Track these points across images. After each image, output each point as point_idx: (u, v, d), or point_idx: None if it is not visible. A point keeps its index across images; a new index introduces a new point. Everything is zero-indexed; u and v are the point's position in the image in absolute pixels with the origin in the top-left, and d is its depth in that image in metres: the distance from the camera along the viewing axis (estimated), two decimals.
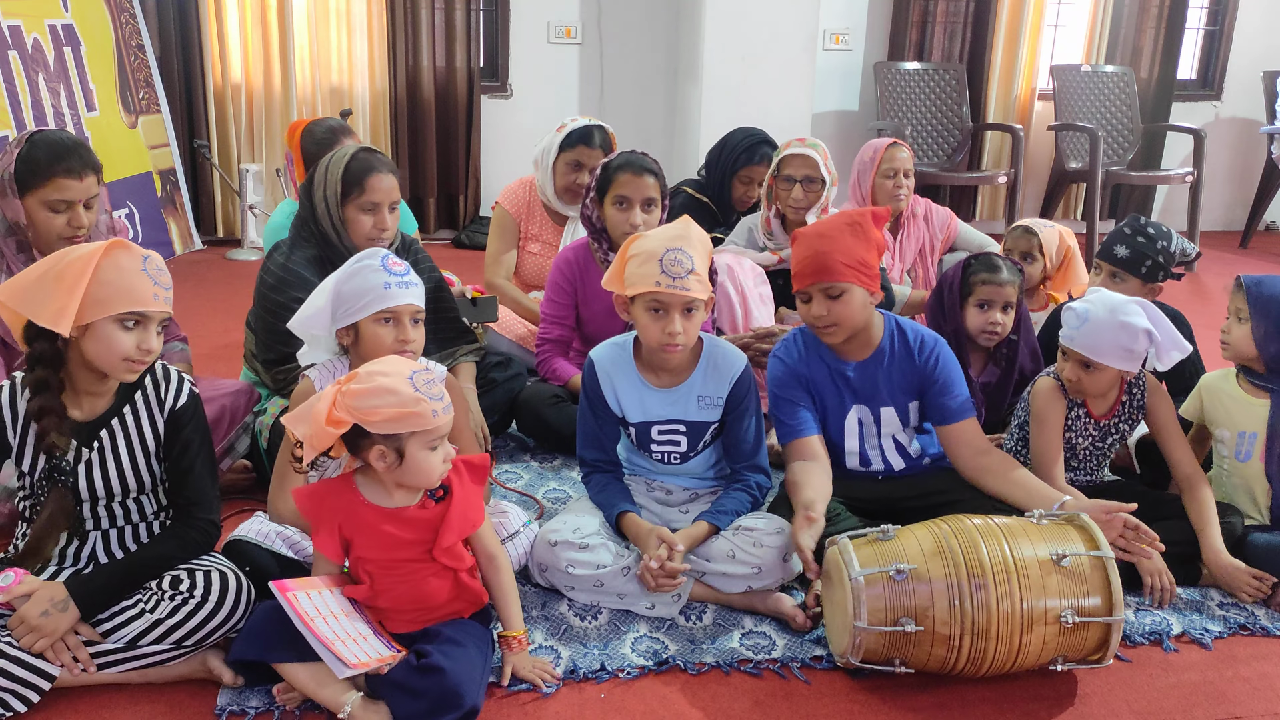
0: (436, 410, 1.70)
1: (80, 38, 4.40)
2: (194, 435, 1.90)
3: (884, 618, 1.81)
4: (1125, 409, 2.37)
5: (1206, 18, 6.56)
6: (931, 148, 5.99)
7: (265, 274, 2.52)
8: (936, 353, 2.28)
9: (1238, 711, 1.89)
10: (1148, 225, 2.76)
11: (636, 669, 1.93)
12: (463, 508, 1.81)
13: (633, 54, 5.81)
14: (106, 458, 1.83)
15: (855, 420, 2.32)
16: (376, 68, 5.48)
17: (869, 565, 1.83)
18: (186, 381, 1.91)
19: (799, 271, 2.21)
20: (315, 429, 1.67)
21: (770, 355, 2.36)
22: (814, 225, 2.26)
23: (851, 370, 2.29)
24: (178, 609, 1.77)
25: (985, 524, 1.88)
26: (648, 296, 2.10)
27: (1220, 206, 6.71)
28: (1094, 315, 2.21)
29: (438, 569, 1.81)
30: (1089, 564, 1.83)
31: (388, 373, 1.70)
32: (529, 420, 2.89)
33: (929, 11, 5.99)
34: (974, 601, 1.78)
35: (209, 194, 5.43)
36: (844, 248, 2.17)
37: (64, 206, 2.25)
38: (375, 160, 2.49)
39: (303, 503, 1.78)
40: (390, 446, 1.71)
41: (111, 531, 1.89)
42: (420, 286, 2.07)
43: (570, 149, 3.35)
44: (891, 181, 3.61)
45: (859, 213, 2.23)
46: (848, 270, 2.16)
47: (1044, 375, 2.38)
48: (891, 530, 1.90)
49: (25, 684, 1.71)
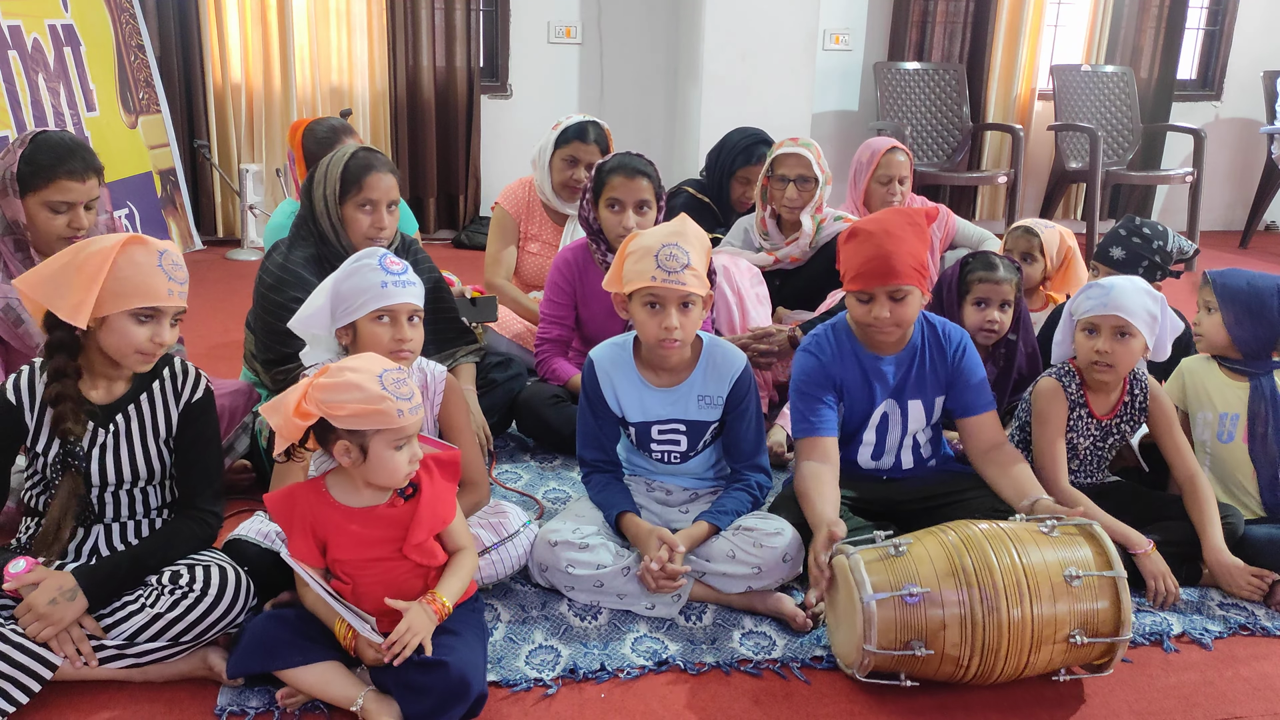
0: (402, 410, 1.69)
1: (80, 38, 4.40)
2: (204, 429, 1.94)
3: (894, 640, 1.80)
4: (1127, 409, 2.37)
5: (1206, 18, 6.56)
6: (931, 148, 5.99)
7: (264, 274, 2.52)
8: (964, 346, 2.28)
9: (1238, 711, 1.89)
10: (1143, 225, 2.76)
11: (636, 669, 1.93)
12: (432, 505, 1.80)
13: (633, 54, 5.81)
14: (121, 441, 1.87)
15: (881, 414, 2.29)
16: (376, 68, 5.47)
17: (882, 588, 1.79)
18: (204, 379, 1.96)
19: (863, 272, 2.13)
20: (285, 419, 1.68)
21: (799, 349, 2.31)
22: (877, 222, 2.17)
23: (886, 365, 2.27)
24: (178, 603, 1.78)
25: (997, 536, 1.84)
26: (644, 292, 2.10)
27: (1220, 206, 6.71)
28: (1118, 283, 2.28)
29: (411, 566, 1.80)
30: (1100, 583, 1.82)
31: (357, 369, 1.70)
32: (529, 420, 2.88)
33: (929, 11, 5.99)
34: (985, 625, 1.77)
35: (209, 194, 5.43)
36: (910, 249, 2.13)
37: (65, 208, 2.27)
38: (374, 159, 2.49)
39: (273, 508, 1.78)
40: (354, 442, 1.70)
41: (114, 525, 1.91)
42: (419, 286, 2.07)
43: (565, 145, 3.36)
44: (885, 188, 3.60)
45: (918, 212, 2.20)
46: (913, 273, 2.13)
47: (1046, 375, 2.38)
48: (904, 545, 1.84)
49: (27, 671, 1.71)
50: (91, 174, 2.29)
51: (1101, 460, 2.43)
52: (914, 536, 1.90)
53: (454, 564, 1.85)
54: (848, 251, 2.19)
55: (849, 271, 2.18)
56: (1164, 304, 2.29)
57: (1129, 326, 2.24)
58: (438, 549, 1.84)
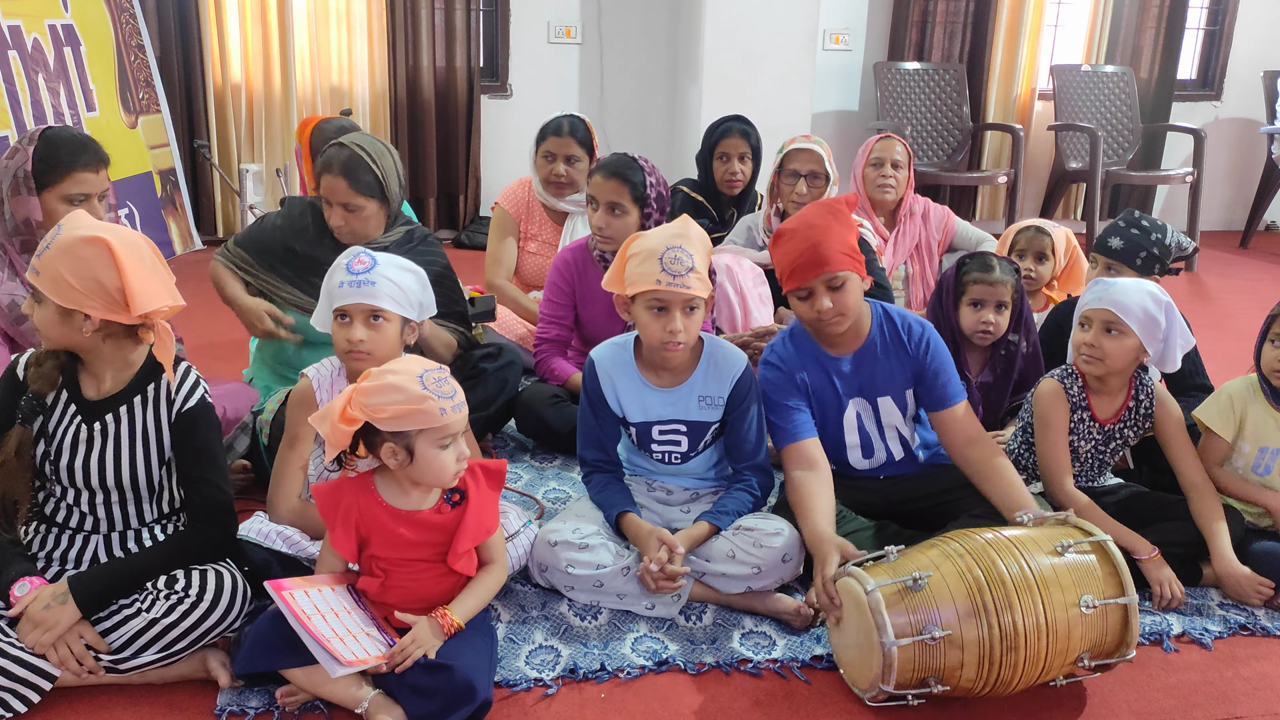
0: (445, 408, 1.70)
1: (80, 38, 4.40)
2: (204, 442, 1.88)
3: (911, 680, 1.77)
4: (1131, 415, 2.35)
5: (1206, 18, 6.56)
6: (931, 148, 5.99)
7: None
8: (927, 338, 2.25)
9: (1238, 711, 1.89)
10: (1142, 218, 2.76)
11: (636, 669, 1.93)
12: (478, 514, 1.81)
13: (633, 54, 5.81)
14: (108, 441, 1.83)
15: (854, 414, 2.30)
16: (376, 68, 5.47)
17: (904, 631, 1.73)
18: (201, 387, 1.90)
19: (796, 268, 2.14)
20: (331, 426, 1.70)
21: (760, 362, 2.32)
22: (797, 219, 2.19)
23: (846, 364, 2.27)
24: (173, 608, 1.77)
25: (1021, 574, 1.76)
26: (649, 295, 2.10)
27: (1220, 206, 6.71)
28: (1122, 281, 2.26)
29: (444, 570, 1.81)
30: (1113, 610, 1.80)
31: (398, 371, 1.72)
32: (528, 420, 2.88)
33: (929, 11, 5.99)
34: (1003, 664, 1.74)
35: (209, 194, 5.43)
36: (837, 235, 2.13)
37: (81, 199, 2.30)
38: (332, 156, 2.54)
39: (321, 500, 1.80)
40: (400, 444, 1.72)
41: (114, 535, 1.89)
42: (377, 285, 2.05)
43: (543, 141, 3.42)
44: (877, 171, 3.61)
45: (834, 200, 2.21)
46: (844, 258, 2.13)
47: (1048, 377, 2.37)
48: (923, 579, 1.77)
49: (26, 684, 1.71)
50: (102, 166, 2.33)
51: (1103, 465, 2.42)
52: (930, 562, 1.81)
53: (477, 581, 1.85)
54: (778, 254, 2.19)
55: (783, 272, 2.18)
56: (1171, 311, 2.24)
57: (1119, 323, 2.22)
58: (474, 559, 1.85)
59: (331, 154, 2.54)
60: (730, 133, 3.58)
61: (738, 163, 3.59)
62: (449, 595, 1.83)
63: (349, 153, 2.53)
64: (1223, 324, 4.60)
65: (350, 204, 2.54)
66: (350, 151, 2.53)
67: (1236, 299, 5.11)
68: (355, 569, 1.85)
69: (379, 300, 2.05)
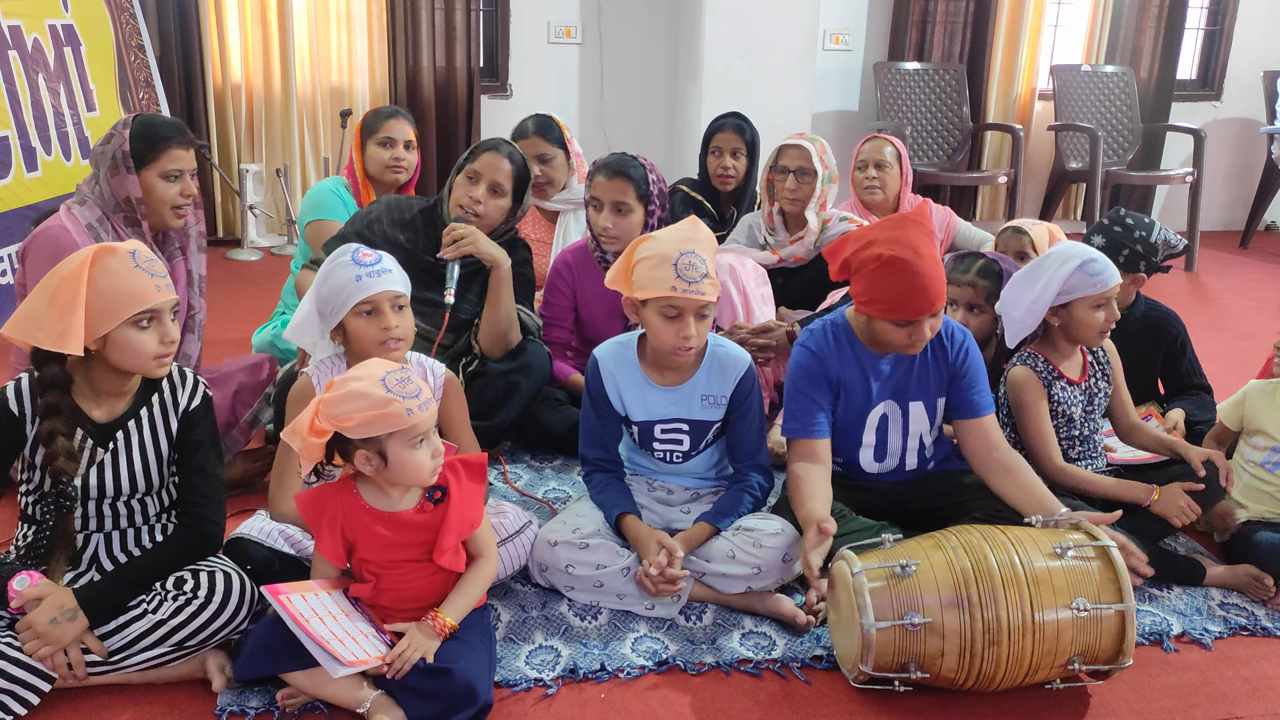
0: (411, 409, 1.69)
1: (80, 38, 4.40)
2: (203, 436, 1.90)
3: (890, 663, 1.80)
4: (1095, 367, 2.43)
5: (1206, 18, 6.56)
6: (931, 148, 5.99)
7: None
8: (966, 346, 2.24)
9: (1238, 711, 1.89)
10: (1126, 216, 2.75)
11: (636, 669, 1.93)
12: (460, 509, 1.81)
13: (633, 54, 5.81)
14: (120, 459, 1.84)
15: (880, 415, 2.27)
16: (376, 68, 5.47)
17: (884, 614, 1.77)
18: (201, 385, 1.92)
19: (909, 305, 2.05)
20: (303, 440, 1.70)
21: (796, 344, 2.28)
22: (907, 245, 2.04)
23: (885, 364, 2.24)
24: (181, 609, 1.77)
25: (1010, 568, 1.78)
26: (662, 301, 2.08)
27: (1220, 206, 6.71)
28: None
29: (434, 569, 1.81)
30: (1108, 616, 1.80)
31: (360, 377, 1.71)
32: (528, 421, 2.87)
33: (929, 11, 5.99)
34: (984, 657, 1.76)
35: (209, 194, 5.42)
36: (939, 263, 2.08)
37: (177, 175, 2.38)
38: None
39: (304, 508, 1.79)
40: (372, 449, 1.71)
41: (114, 534, 1.89)
42: (393, 272, 2.06)
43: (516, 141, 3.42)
44: (862, 174, 3.63)
45: (920, 213, 2.15)
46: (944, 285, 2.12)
47: (1012, 367, 2.39)
48: (911, 566, 1.80)
49: (25, 685, 1.71)
50: (192, 146, 2.44)
51: (1096, 425, 2.44)
52: (922, 551, 1.85)
53: (467, 579, 1.84)
54: (879, 280, 2.05)
55: (882, 301, 2.07)
56: (1038, 271, 2.30)
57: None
58: (462, 555, 1.84)
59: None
60: (724, 128, 3.58)
61: (729, 158, 3.58)
62: (443, 593, 1.82)
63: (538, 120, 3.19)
64: (1222, 324, 4.60)
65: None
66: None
67: (1236, 299, 5.11)
68: (349, 572, 1.85)
69: (398, 285, 2.06)
